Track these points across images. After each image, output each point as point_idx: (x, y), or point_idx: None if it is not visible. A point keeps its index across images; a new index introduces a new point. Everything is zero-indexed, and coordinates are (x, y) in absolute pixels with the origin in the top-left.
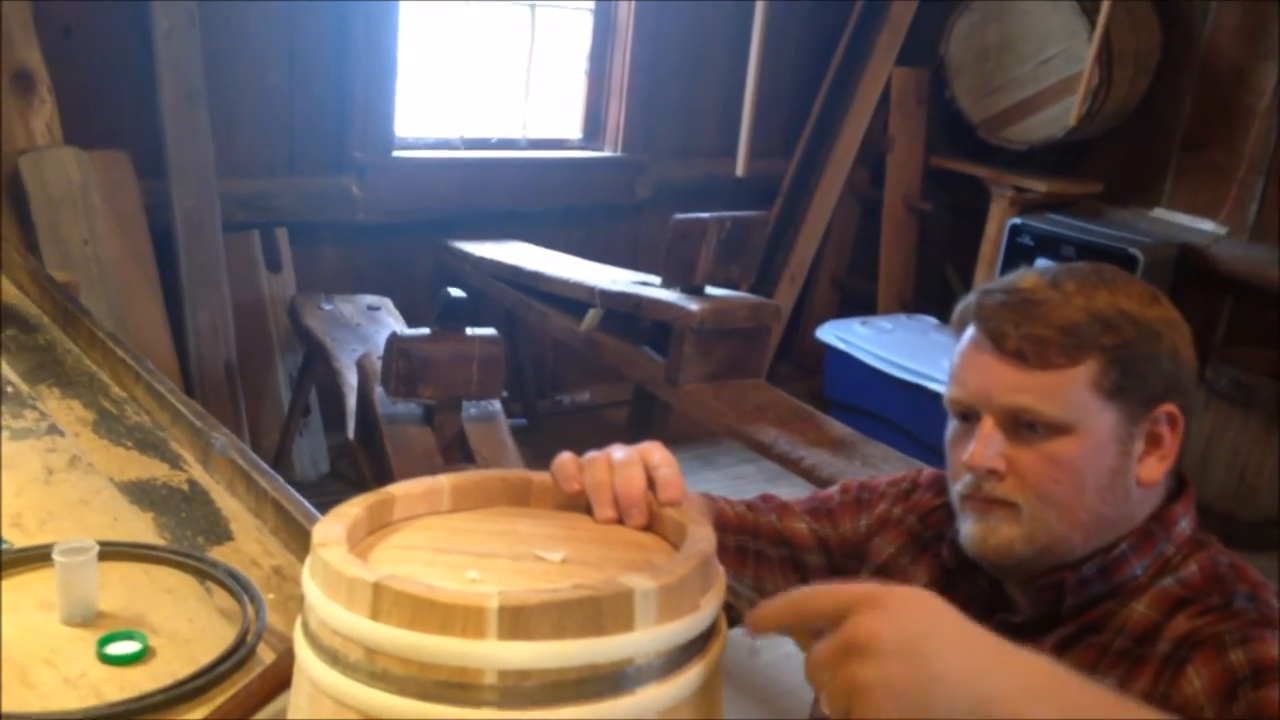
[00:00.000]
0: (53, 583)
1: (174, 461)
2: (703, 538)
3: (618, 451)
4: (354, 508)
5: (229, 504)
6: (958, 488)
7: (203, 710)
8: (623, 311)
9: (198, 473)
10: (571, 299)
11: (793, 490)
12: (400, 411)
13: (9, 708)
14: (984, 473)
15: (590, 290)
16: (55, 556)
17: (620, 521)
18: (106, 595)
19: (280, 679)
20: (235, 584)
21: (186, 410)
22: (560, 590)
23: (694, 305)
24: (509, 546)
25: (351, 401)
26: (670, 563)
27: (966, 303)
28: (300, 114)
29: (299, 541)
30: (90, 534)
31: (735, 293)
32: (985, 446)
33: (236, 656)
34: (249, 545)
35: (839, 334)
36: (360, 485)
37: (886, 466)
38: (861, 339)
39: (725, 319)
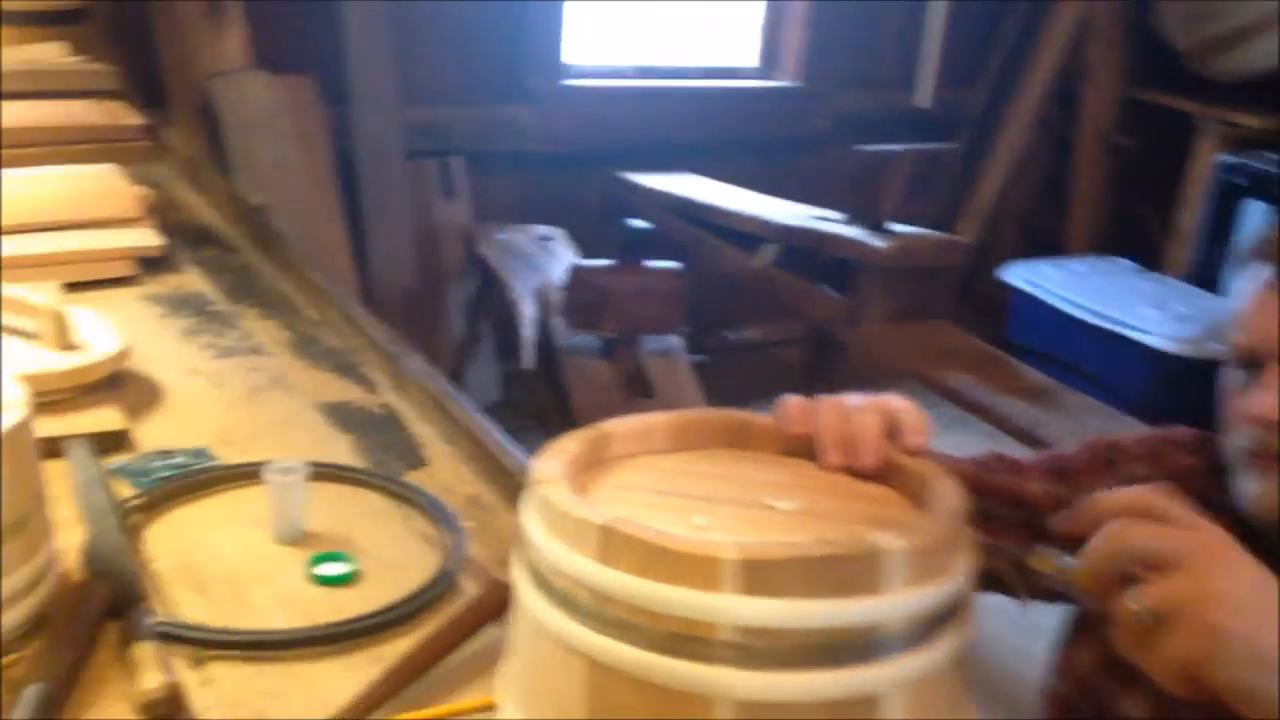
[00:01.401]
0: (263, 500)
1: (369, 385)
2: (950, 493)
3: (853, 397)
4: (570, 443)
5: (422, 430)
6: (1240, 443)
7: (408, 638)
8: (800, 248)
9: (391, 397)
10: (745, 234)
11: (971, 440)
12: (579, 343)
13: (225, 623)
14: (1273, 425)
15: (766, 225)
16: (267, 476)
17: (848, 470)
18: (314, 516)
19: (487, 612)
20: (436, 512)
21: (380, 335)
22: (803, 545)
23: (878, 242)
24: (734, 491)
25: (527, 331)
26: (921, 520)
27: (1265, 239)
28: (477, 41)
29: (492, 471)
30: (294, 453)
31: (922, 230)
32: (1276, 397)
33: (440, 585)
34: (444, 472)
35: (1027, 276)
36: (533, 415)
37: (1091, 420)
38: (1051, 281)
39: (911, 257)
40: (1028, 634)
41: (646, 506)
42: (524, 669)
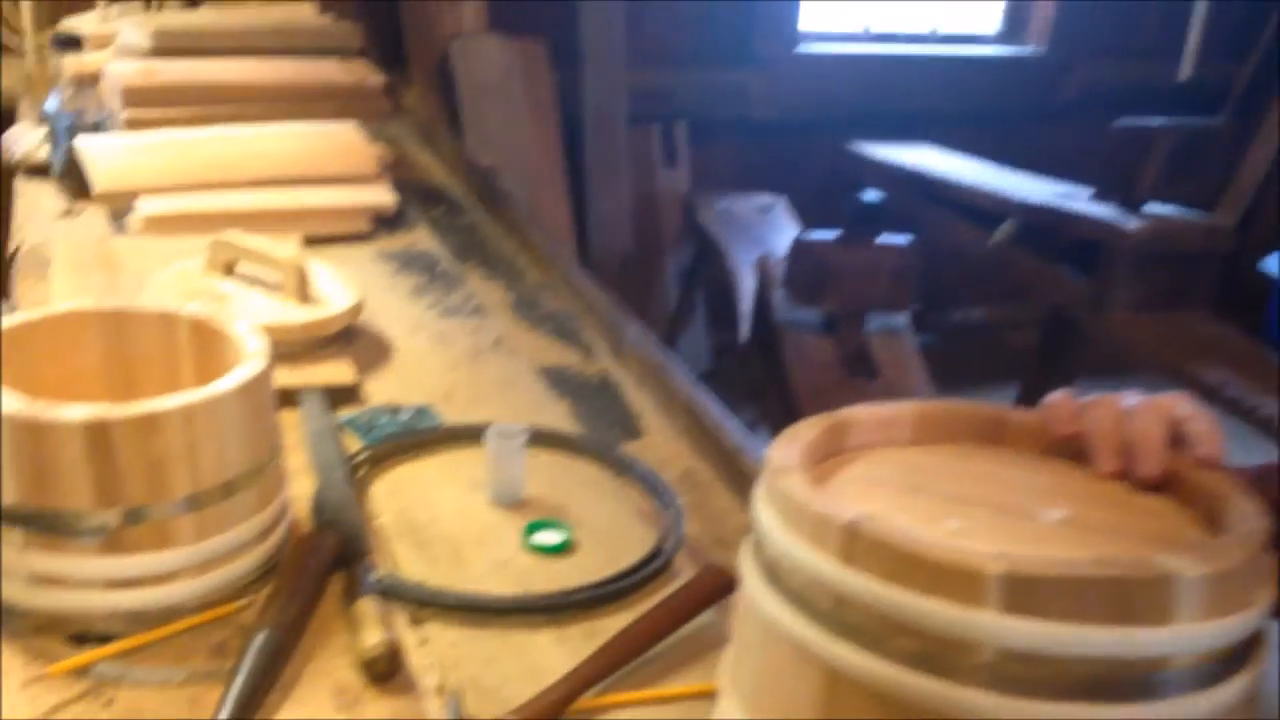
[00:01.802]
0: (483, 462)
1: (587, 351)
2: (1250, 513)
3: (1129, 396)
4: (808, 430)
5: (639, 399)
6: None
7: (621, 613)
8: (1041, 226)
9: (609, 364)
10: (981, 210)
11: (1234, 448)
12: (800, 318)
13: (442, 583)
14: None
15: (1006, 201)
16: (489, 438)
17: (1123, 479)
18: (531, 481)
19: (705, 596)
20: (653, 485)
21: (600, 301)
22: (1079, 564)
23: (1133, 223)
24: (991, 495)
25: (745, 303)
26: (1215, 542)
27: None
28: (709, 5)
29: (709, 446)
30: (512, 416)
31: (1181, 212)
32: None
33: (657, 563)
34: (659, 444)
35: None
36: (746, 389)
37: None
38: None
39: (1170, 241)
40: None
41: (893, 505)
42: (751, 667)
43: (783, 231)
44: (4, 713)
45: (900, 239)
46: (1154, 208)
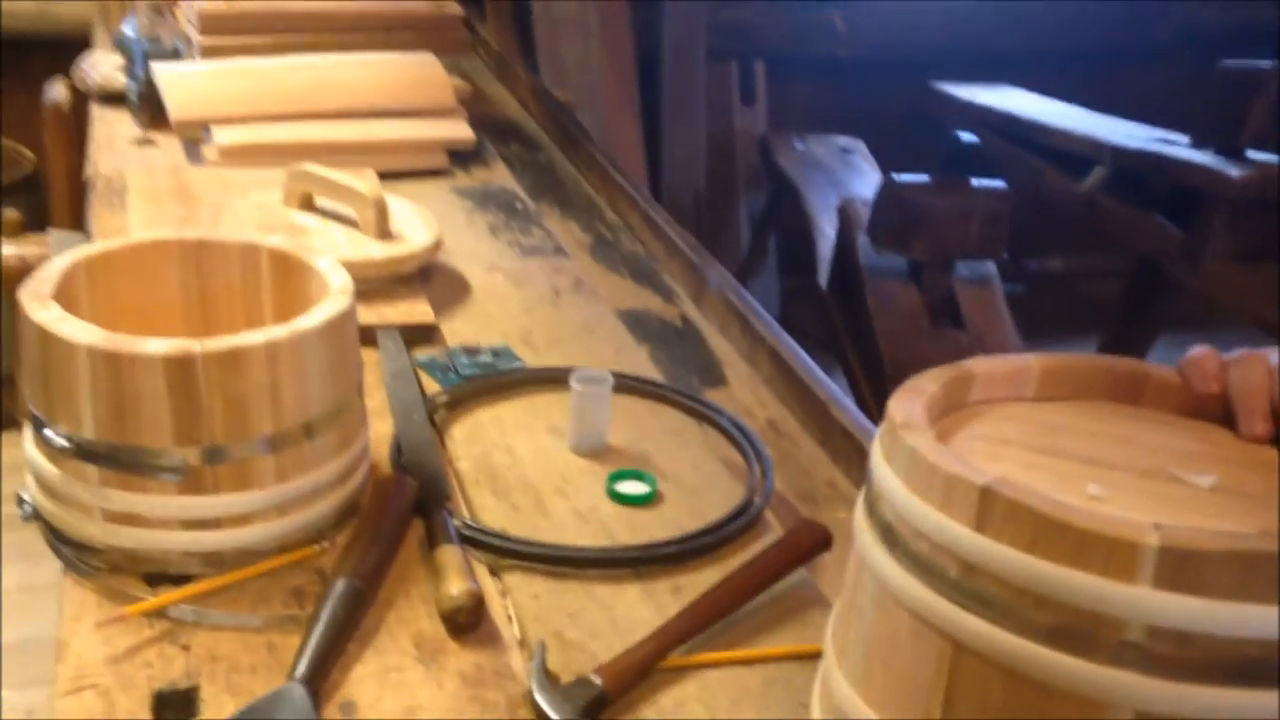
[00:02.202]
0: (565, 407)
1: (667, 294)
2: None
3: (1275, 353)
4: (930, 383)
5: (721, 345)
6: None
7: (709, 569)
8: (1134, 172)
9: (690, 309)
10: (1071, 154)
11: None
12: (884, 264)
13: (524, 532)
14: None
15: (1098, 145)
16: (573, 384)
17: (1273, 442)
18: (614, 429)
19: (796, 554)
20: (740, 435)
21: (682, 243)
22: (1246, 536)
23: (1234, 170)
24: (1132, 457)
25: (824, 248)
26: None
27: None
28: None
29: (794, 393)
30: (594, 361)
31: None
32: None
33: (746, 517)
34: (743, 393)
35: None
36: (821, 337)
37: None
38: None
39: (1274, 189)
40: None
41: (1025, 467)
42: (862, 634)
43: (863, 175)
44: (79, 653)
45: (993, 183)
46: (1256, 155)
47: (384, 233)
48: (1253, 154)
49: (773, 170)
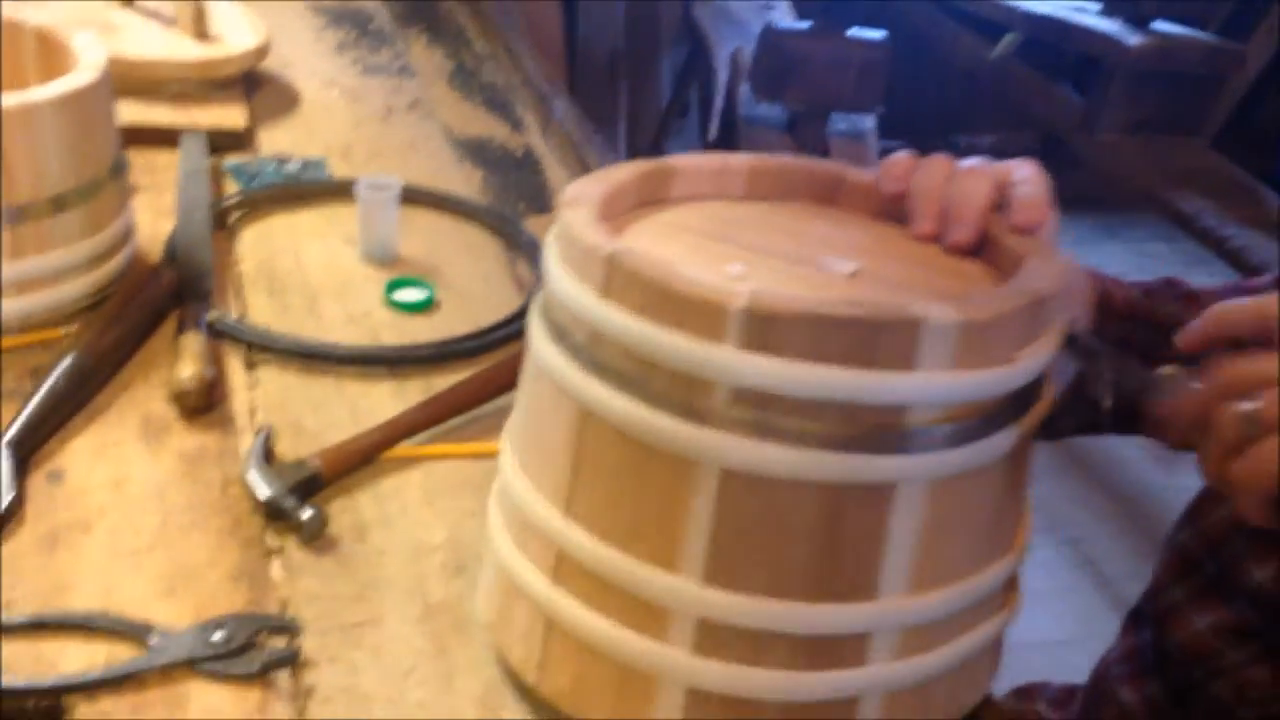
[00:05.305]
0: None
1: (516, 124)
2: (1044, 275)
3: (970, 160)
4: (623, 172)
5: (558, 175)
6: None
7: (470, 373)
8: (1044, 40)
9: (535, 139)
10: (989, 20)
11: (1210, 281)
12: (762, 113)
13: (292, 331)
14: None
15: (1010, 11)
16: (359, 190)
17: (939, 241)
18: (409, 241)
19: None
20: (537, 254)
21: (535, 72)
22: (825, 302)
23: (1133, 39)
24: (795, 247)
25: (719, 100)
26: (978, 296)
27: None
28: None
29: None
30: (412, 178)
31: (1191, 30)
32: None
33: (515, 325)
34: None
35: None
36: None
37: None
38: None
39: (1169, 59)
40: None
41: (687, 249)
42: (522, 410)
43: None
44: None
45: (872, 33)
46: (1162, 25)
47: (201, 34)
48: (1159, 25)
49: (691, 23)
